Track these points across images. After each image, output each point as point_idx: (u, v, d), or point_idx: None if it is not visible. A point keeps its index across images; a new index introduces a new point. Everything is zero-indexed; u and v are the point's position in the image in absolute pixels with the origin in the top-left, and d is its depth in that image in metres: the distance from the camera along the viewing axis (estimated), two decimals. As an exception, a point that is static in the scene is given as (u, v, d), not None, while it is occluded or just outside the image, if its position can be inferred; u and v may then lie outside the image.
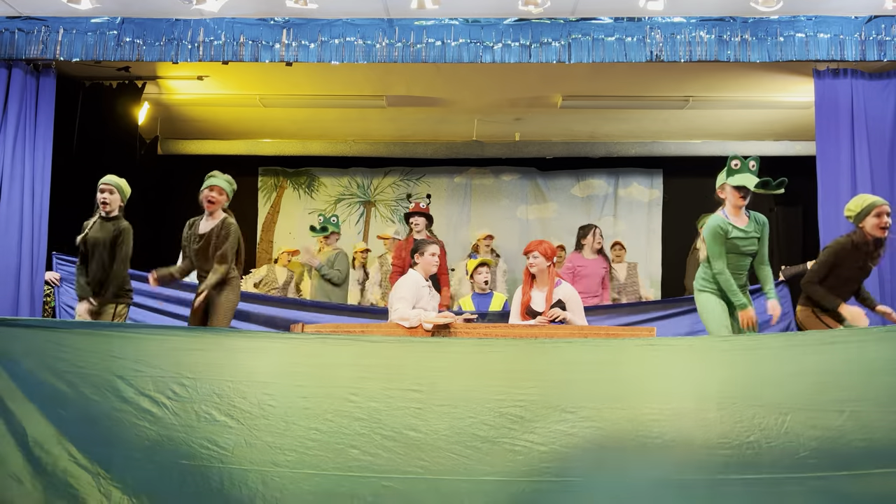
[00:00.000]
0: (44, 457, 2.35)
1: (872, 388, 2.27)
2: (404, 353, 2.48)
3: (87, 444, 2.38)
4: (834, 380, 2.30)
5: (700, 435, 2.23)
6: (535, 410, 2.29)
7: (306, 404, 2.37)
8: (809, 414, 2.24)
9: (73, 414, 2.44)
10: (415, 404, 2.33)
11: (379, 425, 2.31)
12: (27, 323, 2.70)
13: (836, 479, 2.16)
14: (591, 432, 2.25)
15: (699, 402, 2.29)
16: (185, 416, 2.40)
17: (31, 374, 2.49)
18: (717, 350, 2.45)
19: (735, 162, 3.85)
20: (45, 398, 2.45)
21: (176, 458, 2.34)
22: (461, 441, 2.26)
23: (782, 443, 2.21)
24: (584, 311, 4.62)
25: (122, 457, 2.36)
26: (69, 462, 2.35)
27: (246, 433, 2.35)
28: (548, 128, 7.41)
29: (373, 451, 2.27)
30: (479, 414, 2.30)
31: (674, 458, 2.21)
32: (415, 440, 2.27)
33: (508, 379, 2.36)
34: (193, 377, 2.46)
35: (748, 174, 3.83)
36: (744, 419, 2.25)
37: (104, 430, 2.40)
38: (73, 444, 2.39)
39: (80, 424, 2.41)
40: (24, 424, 2.41)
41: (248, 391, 2.42)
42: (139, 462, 2.35)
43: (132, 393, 2.44)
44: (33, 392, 2.46)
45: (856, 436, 2.21)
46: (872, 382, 2.28)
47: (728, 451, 2.21)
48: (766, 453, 2.20)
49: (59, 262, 5.30)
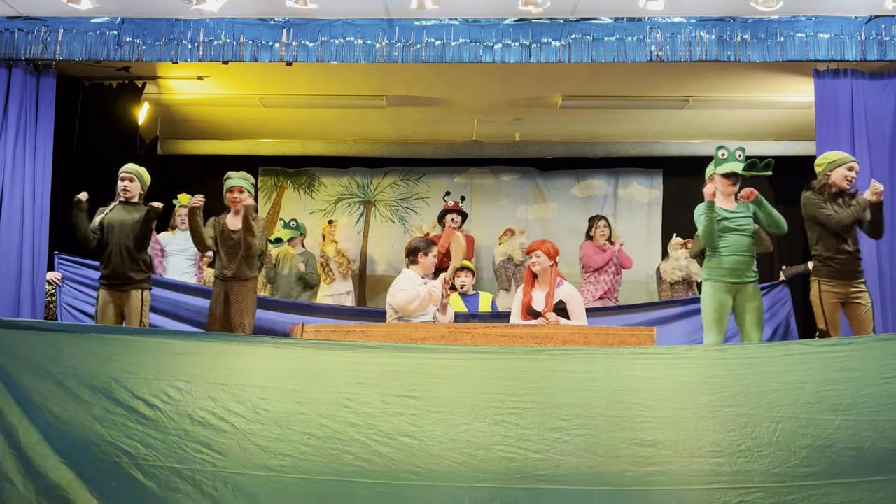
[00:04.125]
0: (36, 458, 2.35)
1: (864, 396, 2.28)
2: (400, 359, 2.48)
3: (81, 447, 2.38)
4: (826, 388, 2.30)
5: (693, 443, 2.24)
6: (530, 418, 2.30)
7: (301, 409, 2.38)
8: (801, 422, 2.24)
9: (68, 416, 2.44)
10: (410, 410, 2.34)
11: (374, 431, 2.31)
12: (24, 325, 2.70)
13: (828, 487, 2.17)
14: (585, 440, 2.26)
15: (692, 410, 2.30)
16: (180, 420, 2.40)
17: (26, 376, 2.49)
18: (711, 358, 2.46)
19: (722, 152, 4.01)
20: (40, 400, 2.45)
21: (170, 461, 2.34)
22: (456, 448, 2.27)
23: (774, 451, 2.22)
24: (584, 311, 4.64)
25: (116, 460, 2.36)
26: (61, 464, 2.35)
27: (240, 437, 2.36)
28: (548, 128, 7.39)
29: (367, 457, 2.28)
30: (473, 421, 2.31)
31: (667, 466, 2.21)
32: (409, 446, 2.28)
33: (503, 386, 2.37)
34: (188, 381, 2.47)
35: (735, 162, 3.97)
36: (736, 427, 2.26)
37: (99, 433, 2.40)
38: (67, 447, 2.39)
39: (74, 427, 2.41)
40: (18, 426, 2.41)
41: (242, 395, 2.43)
42: (132, 466, 2.35)
43: (127, 396, 2.45)
44: (28, 394, 2.46)
45: (847, 444, 2.21)
46: (864, 391, 2.29)
47: (720, 460, 2.22)
48: (758, 461, 2.20)
49: (60, 261, 5.30)
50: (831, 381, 2.31)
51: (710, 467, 2.21)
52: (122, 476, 2.33)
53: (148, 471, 2.32)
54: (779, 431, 2.24)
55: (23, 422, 2.43)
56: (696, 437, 2.25)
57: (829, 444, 2.22)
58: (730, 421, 2.26)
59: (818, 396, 2.29)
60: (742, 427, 2.25)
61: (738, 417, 2.26)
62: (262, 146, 7.70)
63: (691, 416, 2.29)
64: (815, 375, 2.33)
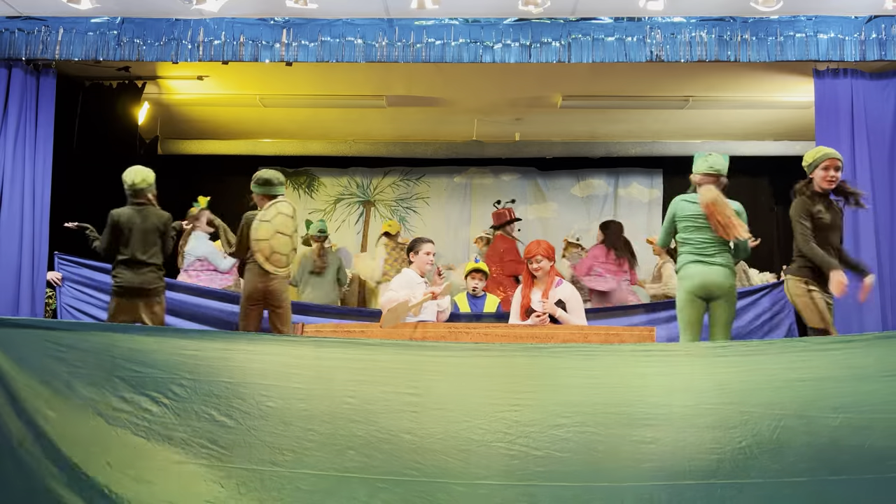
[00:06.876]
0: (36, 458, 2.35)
1: (865, 394, 2.28)
2: (401, 357, 2.49)
3: (85, 445, 2.38)
4: (827, 386, 2.31)
5: (693, 440, 2.25)
6: (531, 415, 2.30)
7: (304, 406, 2.38)
8: (802, 420, 2.25)
9: (72, 415, 2.44)
10: (411, 407, 2.34)
11: (375, 427, 2.32)
12: (26, 323, 2.70)
13: (828, 484, 2.17)
14: (586, 437, 2.26)
15: (692, 408, 2.30)
16: (185, 416, 2.40)
17: (27, 374, 2.49)
18: (712, 356, 2.46)
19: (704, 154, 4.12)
20: (42, 398, 2.45)
21: (175, 457, 2.34)
22: (456, 444, 2.28)
23: (774, 448, 2.22)
24: (584, 310, 4.65)
25: (121, 456, 2.37)
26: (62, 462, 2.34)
27: (244, 433, 2.36)
28: (548, 128, 7.41)
29: (369, 453, 2.29)
30: (474, 418, 2.31)
31: (667, 463, 2.22)
32: (410, 443, 2.29)
33: (504, 383, 2.38)
34: (192, 378, 2.47)
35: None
36: (737, 424, 2.26)
37: (103, 431, 2.41)
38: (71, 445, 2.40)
39: (76, 425, 2.42)
40: (16, 425, 2.41)
41: (246, 392, 2.43)
42: (137, 461, 2.35)
43: (132, 393, 2.45)
44: (30, 392, 2.46)
45: (848, 442, 2.21)
46: (864, 389, 2.29)
47: (720, 456, 2.22)
48: (758, 458, 2.21)
49: (60, 262, 5.30)
50: (832, 379, 2.32)
51: (711, 464, 2.21)
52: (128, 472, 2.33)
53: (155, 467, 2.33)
54: (779, 429, 2.24)
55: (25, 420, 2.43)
56: (697, 434, 2.25)
57: (830, 441, 2.22)
58: (730, 418, 2.27)
59: (819, 394, 2.29)
60: (742, 424, 2.25)
61: (738, 415, 2.27)
62: (262, 146, 7.71)
63: (691, 413, 2.29)
64: (816, 373, 2.33)
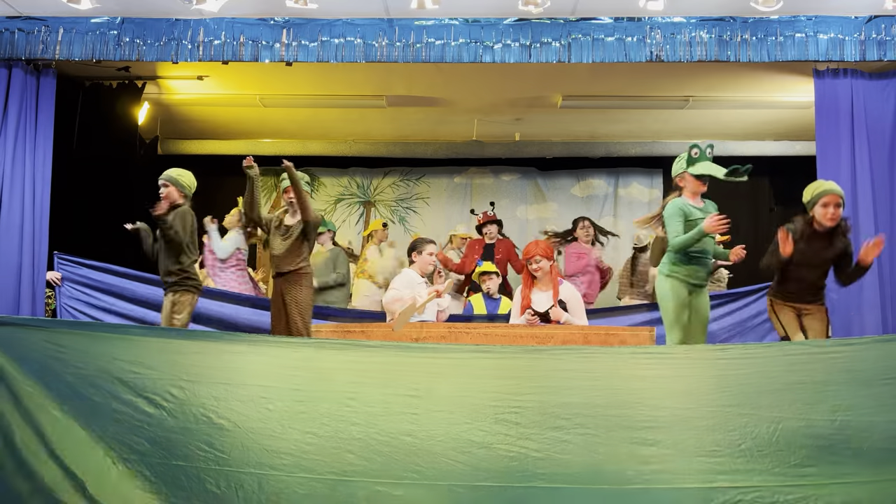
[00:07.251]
0: (36, 458, 2.35)
1: (864, 397, 2.28)
2: (401, 358, 2.48)
3: (83, 446, 2.38)
4: (826, 389, 2.30)
5: (693, 442, 2.24)
6: (531, 417, 2.30)
7: (303, 408, 2.37)
8: (801, 422, 2.24)
9: (71, 415, 2.44)
10: (411, 409, 2.33)
11: (375, 430, 2.31)
12: (26, 322, 2.69)
13: (828, 487, 2.17)
14: (586, 439, 2.26)
15: (692, 410, 2.30)
16: (183, 419, 2.40)
17: (28, 374, 2.49)
18: (711, 358, 2.46)
19: (695, 150, 3.94)
20: (42, 398, 2.45)
21: (173, 460, 2.34)
22: (457, 447, 2.27)
23: (774, 451, 2.22)
24: (584, 310, 4.65)
25: (119, 458, 2.36)
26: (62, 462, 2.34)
27: (243, 436, 2.35)
28: (548, 128, 7.41)
29: (368, 456, 2.28)
30: (474, 420, 2.31)
31: (667, 465, 2.22)
32: (411, 445, 2.28)
33: (505, 385, 2.37)
34: (191, 380, 2.46)
35: (707, 163, 3.92)
36: (736, 427, 2.26)
37: (101, 431, 2.41)
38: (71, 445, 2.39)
39: (76, 425, 2.41)
40: (16, 424, 2.41)
41: (245, 394, 2.42)
42: (136, 464, 2.35)
43: (131, 395, 2.45)
44: (29, 392, 2.46)
45: (847, 444, 2.21)
46: (864, 391, 2.29)
47: (720, 459, 2.22)
48: (758, 461, 2.21)
49: (60, 261, 5.31)
50: (832, 382, 2.31)
51: (711, 466, 2.21)
52: (125, 474, 2.33)
53: (154, 468, 2.32)
54: (779, 431, 2.24)
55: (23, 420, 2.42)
56: (697, 437, 2.25)
57: (830, 444, 2.22)
58: (730, 420, 2.26)
59: (818, 397, 2.29)
60: (742, 427, 2.25)
61: (738, 417, 2.26)
62: (262, 146, 7.71)
63: (692, 415, 2.28)
64: (816, 376, 2.33)
